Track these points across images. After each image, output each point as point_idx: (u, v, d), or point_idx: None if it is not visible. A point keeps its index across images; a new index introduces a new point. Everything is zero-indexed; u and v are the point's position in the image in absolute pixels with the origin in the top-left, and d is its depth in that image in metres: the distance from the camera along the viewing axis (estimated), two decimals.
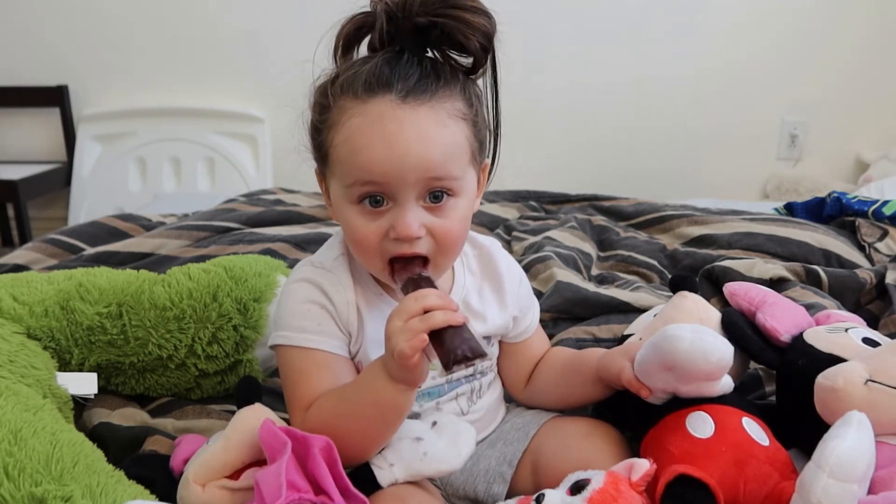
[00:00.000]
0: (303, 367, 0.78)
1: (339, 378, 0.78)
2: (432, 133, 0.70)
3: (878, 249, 1.49)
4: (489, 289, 0.86)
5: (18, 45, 2.65)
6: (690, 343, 0.73)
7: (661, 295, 1.28)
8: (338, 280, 0.79)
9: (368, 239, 0.73)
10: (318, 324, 0.78)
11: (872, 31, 2.58)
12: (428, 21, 0.71)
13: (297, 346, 0.78)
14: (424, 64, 0.72)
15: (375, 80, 0.70)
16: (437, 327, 0.66)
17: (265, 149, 2.66)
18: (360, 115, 0.70)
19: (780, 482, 0.71)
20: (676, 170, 2.71)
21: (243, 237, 1.57)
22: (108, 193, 2.64)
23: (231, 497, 0.74)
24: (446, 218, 0.73)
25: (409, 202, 0.71)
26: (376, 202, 0.72)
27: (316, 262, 0.82)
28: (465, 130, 0.73)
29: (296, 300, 0.79)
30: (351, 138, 0.71)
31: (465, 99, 0.74)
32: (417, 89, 0.70)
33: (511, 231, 1.70)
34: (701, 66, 2.62)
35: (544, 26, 2.58)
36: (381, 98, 0.70)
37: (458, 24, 0.70)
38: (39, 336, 1.00)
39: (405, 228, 0.71)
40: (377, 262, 0.75)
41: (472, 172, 0.76)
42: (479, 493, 0.83)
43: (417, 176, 0.70)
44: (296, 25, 2.59)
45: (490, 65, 0.76)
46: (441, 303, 0.67)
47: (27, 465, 0.67)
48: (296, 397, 0.78)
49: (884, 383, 0.71)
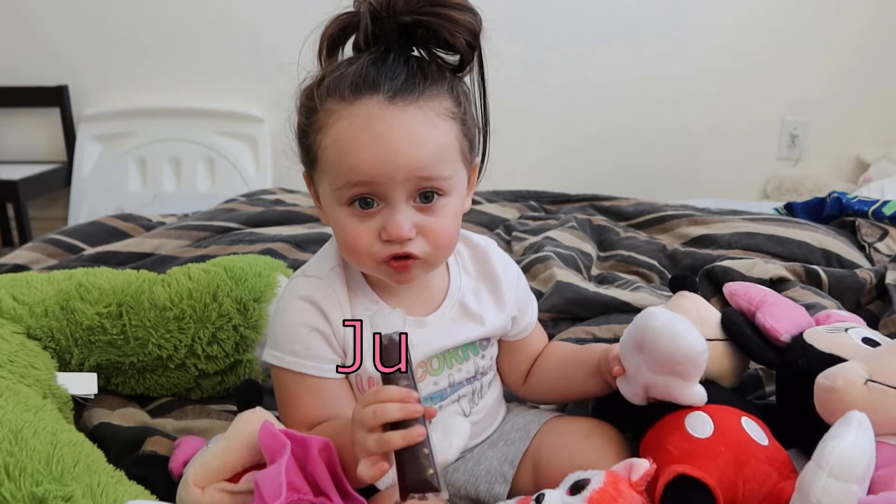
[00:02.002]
0: (295, 392, 0.79)
1: (330, 402, 0.78)
2: (421, 133, 0.69)
3: (878, 249, 1.49)
4: (486, 290, 0.85)
5: (18, 45, 2.64)
6: (663, 322, 0.73)
7: (661, 295, 1.28)
8: (333, 292, 0.78)
9: (360, 241, 0.72)
10: (307, 349, 0.77)
11: (872, 31, 2.57)
12: (413, 20, 0.70)
13: (288, 370, 0.78)
14: (411, 63, 0.71)
15: (362, 81, 0.69)
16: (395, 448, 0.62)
17: (265, 149, 2.66)
18: (348, 116, 0.69)
19: (780, 482, 0.71)
20: (676, 170, 2.71)
21: (243, 237, 1.57)
22: (108, 193, 2.63)
23: (231, 500, 0.74)
24: (438, 217, 0.73)
25: (400, 203, 0.71)
26: (366, 204, 0.71)
27: (310, 271, 0.80)
28: (454, 129, 0.73)
29: (289, 321, 0.78)
30: (339, 140, 0.70)
31: (452, 98, 0.73)
32: (405, 89, 0.69)
33: (511, 231, 1.69)
34: (701, 66, 2.62)
35: (544, 26, 2.58)
36: (369, 99, 0.69)
37: (444, 21, 0.70)
38: (39, 336, 1.00)
39: (397, 229, 0.70)
40: (369, 263, 0.74)
41: (463, 171, 0.76)
42: (480, 493, 0.83)
43: (407, 176, 0.69)
44: (296, 25, 2.57)
45: (477, 62, 0.75)
46: (401, 414, 0.62)
47: (28, 464, 0.67)
48: (289, 419, 0.79)
49: (884, 383, 0.71)
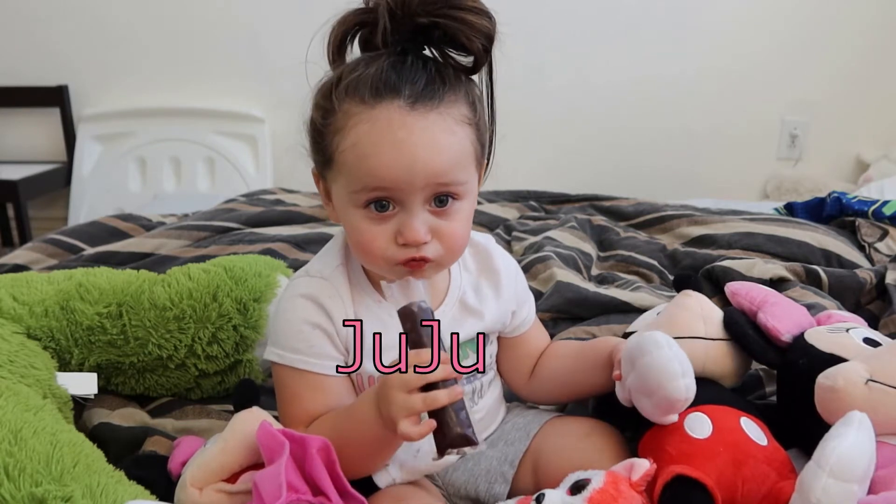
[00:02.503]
0: (296, 389, 0.78)
1: (332, 400, 0.78)
2: (441, 140, 0.70)
3: (878, 249, 1.49)
4: (487, 284, 0.86)
5: (18, 45, 2.64)
6: (659, 358, 0.73)
7: (661, 295, 1.28)
8: (336, 292, 0.78)
9: (375, 244, 0.72)
10: (310, 346, 0.77)
11: (872, 31, 2.57)
12: (429, 21, 0.70)
13: (290, 367, 0.78)
14: (429, 67, 0.71)
15: (383, 84, 0.69)
16: (440, 406, 0.65)
17: (265, 149, 2.66)
18: (368, 121, 0.69)
19: (778, 482, 0.71)
20: (676, 170, 2.71)
21: (243, 237, 1.57)
22: (108, 193, 2.63)
23: (229, 500, 0.74)
24: (452, 221, 0.73)
25: (417, 207, 0.71)
26: (382, 207, 0.71)
27: (313, 271, 0.80)
28: (470, 136, 0.73)
29: (291, 319, 0.78)
30: (359, 144, 0.70)
31: (469, 103, 0.73)
32: (425, 95, 0.69)
33: (511, 231, 1.69)
34: (701, 66, 2.62)
35: (544, 26, 2.58)
36: (389, 104, 0.69)
37: (461, 25, 0.70)
38: (39, 336, 1.00)
39: (413, 234, 0.71)
40: (383, 265, 0.74)
41: (475, 174, 0.77)
42: (480, 493, 0.83)
43: (426, 182, 0.70)
44: (296, 25, 2.58)
45: (486, 64, 0.75)
46: (443, 374, 0.66)
47: (27, 465, 0.67)
48: (289, 416, 0.79)
49: (884, 383, 0.71)
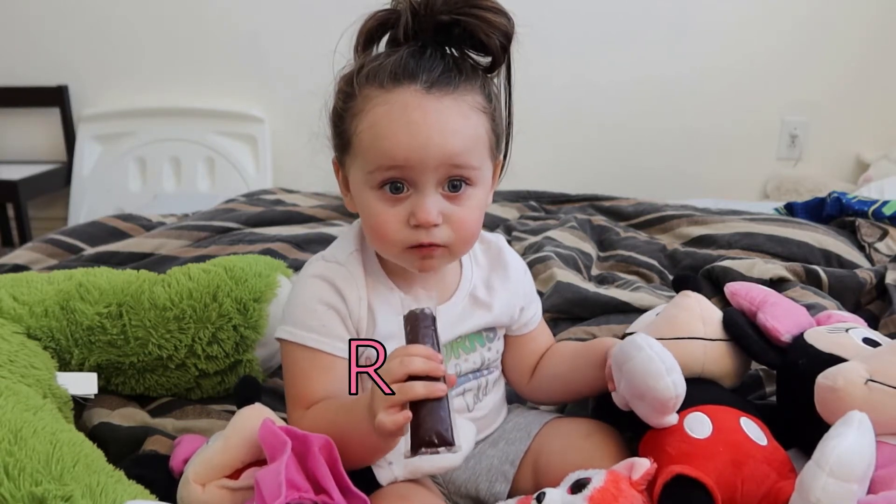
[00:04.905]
0: (305, 367, 0.79)
1: (340, 381, 0.78)
2: (455, 123, 0.72)
3: (878, 249, 1.49)
4: (497, 279, 0.87)
5: (18, 45, 2.64)
6: (641, 360, 0.73)
7: (661, 295, 1.28)
8: (350, 275, 0.80)
9: (388, 224, 0.74)
10: (323, 325, 0.78)
11: (872, 31, 2.57)
12: (451, 19, 0.73)
13: (301, 345, 0.79)
14: (447, 59, 0.74)
15: (401, 70, 0.72)
16: (416, 399, 0.65)
17: (265, 149, 2.66)
18: (385, 103, 0.72)
19: (778, 482, 0.71)
20: (676, 170, 2.71)
21: (243, 237, 1.57)
22: (108, 193, 2.63)
23: (231, 497, 0.74)
24: (464, 207, 0.75)
25: (429, 189, 0.73)
26: (396, 188, 0.74)
27: (329, 256, 0.82)
28: (484, 123, 0.75)
29: (305, 297, 0.80)
30: (375, 125, 0.73)
31: (484, 94, 0.76)
32: (441, 81, 0.72)
33: (511, 231, 1.69)
34: (701, 66, 2.62)
35: (544, 26, 2.58)
36: (406, 88, 0.72)
37: (480, 23, 0.73)
38: (39, 336, 1.00)
39: (425, 214, 0.72)
40: (394, 249, 0.76)
41: (489, 165, 0.78)
42: (481, 492, 0.83)
43: (439, 163, 0.72)
44: (296, 26, 2.59)
45: (505, 64, 0.78)
46: (426, 368, 0.65)
47: (27, 464, 0.67)
48: (295, 395, 0.80)
49: (884, 383, 0.71)
